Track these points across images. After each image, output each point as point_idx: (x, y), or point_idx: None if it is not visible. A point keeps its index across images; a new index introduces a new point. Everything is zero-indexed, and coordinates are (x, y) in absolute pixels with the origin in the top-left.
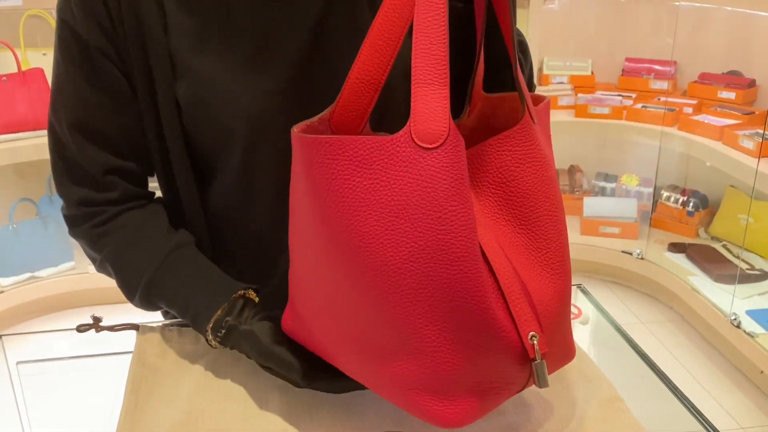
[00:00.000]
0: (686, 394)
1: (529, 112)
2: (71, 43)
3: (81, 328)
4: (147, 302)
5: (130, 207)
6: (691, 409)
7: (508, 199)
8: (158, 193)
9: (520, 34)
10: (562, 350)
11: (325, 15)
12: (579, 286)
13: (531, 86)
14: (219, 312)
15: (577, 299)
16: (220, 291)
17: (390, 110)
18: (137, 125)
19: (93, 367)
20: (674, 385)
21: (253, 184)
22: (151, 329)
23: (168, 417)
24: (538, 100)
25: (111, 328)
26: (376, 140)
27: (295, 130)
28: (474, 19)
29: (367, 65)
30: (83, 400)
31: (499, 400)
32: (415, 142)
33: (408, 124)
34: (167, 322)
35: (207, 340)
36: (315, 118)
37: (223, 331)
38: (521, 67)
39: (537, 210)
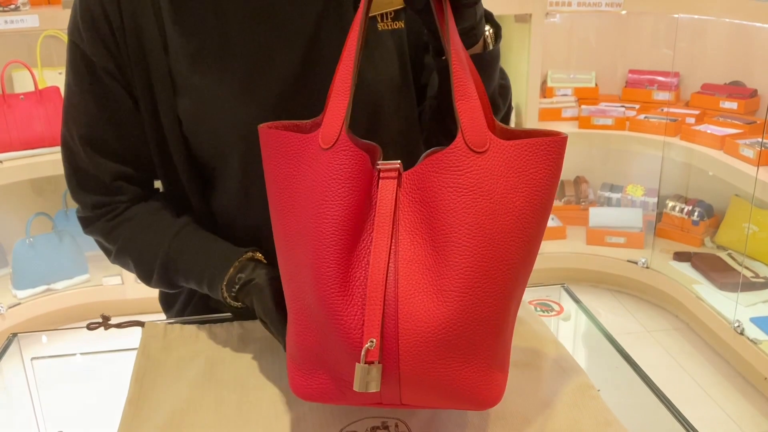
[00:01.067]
0: (691, 400)
1: (465, 141)
2: (80, 63)
3: (91, 326)
4: (165, 280)
5: (138, 202)
6: (665, 401)
7: (429, 219)
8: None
9: (504, 77)
10: (447, 388)
11: (315, 35)
12: (563, 285)
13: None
14: (231, 270)
15: (561, 298)
16: (230, 254)
17: (381, 124)
18: (141, 137)
19: (103, 362)
20: (653, 383)
21: (251, 189)
22: (155, 326)
23: (169, 405)
24: (551, 134)
25: (118, 326)
26: (298, 138)
27: (278, 126)
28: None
29: (335, 75)
30: (93, 392)
31: (353, 396)
32: (319, 143)
33: (321, 126)
34: (171, 320)
35: (223, 299)
36: (309, 121)
37: (237, 287)
38: (497, 110)
39: (450, 235)
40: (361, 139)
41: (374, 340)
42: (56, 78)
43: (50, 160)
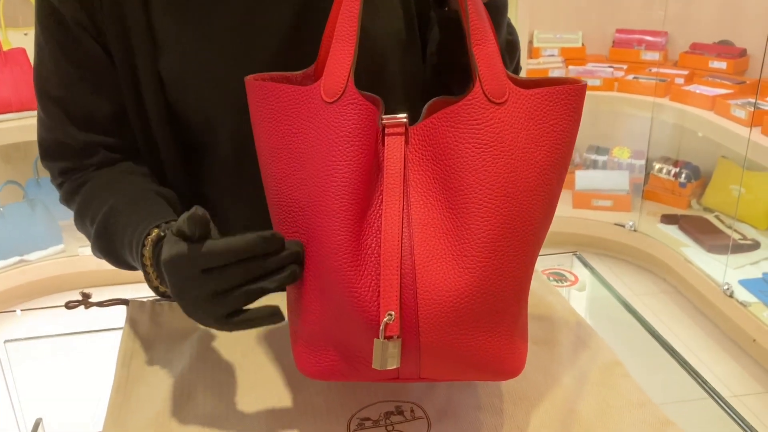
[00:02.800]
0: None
1: (483, 91)
2: (49, 17)
3: (70, 305)
4: (103, 245)
5: (110, 165)
6: (690, 372)
7: (443, 178)
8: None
9: (511, 32)
10: (470, 358)
11: None
12: (575, 253)
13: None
14: (167, 223)
15: (574, 266)
16: (169, 213)
17: (384, 83)
18: (119, 101)
19: (83, 344)
20: (673, 348)
21: (247, 159)
22: (141, 304)
23: (160, 392)
24: (569, 82)
25: (100, 304)
26: (294, 90)
27: (266, 78)
28: None
29: (335, 21)
30: (74, 377)
31: (367, 372)
32: (321, 95)
33: (321, 78)
34: (157, 297)
35: (144, 267)
36: (299, 72)
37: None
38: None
39: (467, 196)
40: (363, 92)
41: (393, 312)
42: (22, 39)
43: (19, 126)
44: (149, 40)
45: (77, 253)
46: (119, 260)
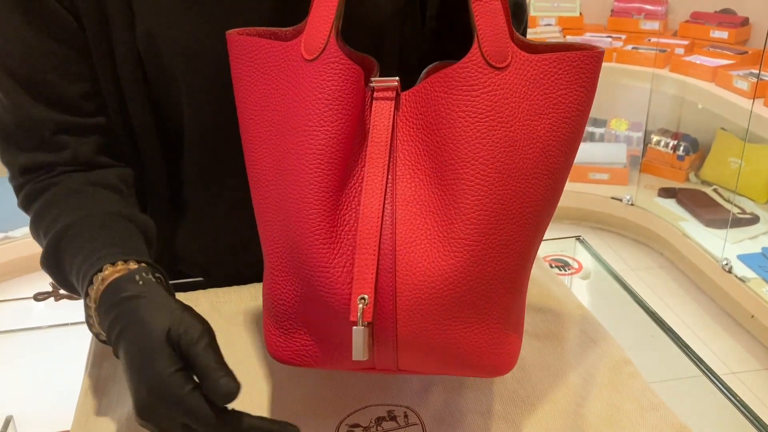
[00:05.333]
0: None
1: (482, 53)
2: None
3: (39, 297)
4: (52, 261)
5: (77, 170)
6: (698, 363)
7: (434, 150)
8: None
9: None
10: (453, 352)
11: None
12: (578, 238)
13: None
14: (126, 264)
15: (576, 252)
16: (140, 251)
17: (382, 54)
18: (92, 77)
19: (52, 339)
20: (679, 336)
21: (226, 133)
22: None
23: None
24: (584, 48)
25: (71, 297)
26: (275, 46)
27: (251, 33)
28: None
29: None
30: (45, 373)
31: (340, 359)
32: (301, 52)
33: (304, 31)
34: None
35: (86, 300)
36: (290, 28)
37: (129, 284)
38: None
39: (460, 171)
40: (352, 50)
41: (366, 296)
42: None
43: None
44: (127, 8)
45: None
46: (67, 284)
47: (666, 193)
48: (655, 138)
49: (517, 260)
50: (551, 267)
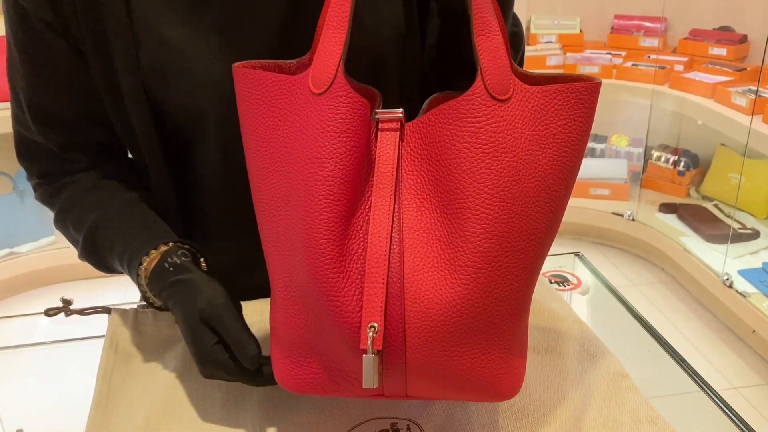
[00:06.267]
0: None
1: (485, 86)
2: (13, 15)
3: (50, 312)
4: (91, 251)
5: (90, 170)
6: (696, 378)
7: (439, 179)
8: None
9: (516, 24)
10: (460, 378)
11: None
12: (577, 254)
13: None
14: (157, 251)
15: (575, 268)
16: (161, 235)
17: (382, 78)
18: (96, 99)
19: (65, 352)
20: (677, 352)
21: (232, 160)
22: (124, 312)
23: (143, 407)
24: (582, 79)
25: (81, 312)
26: (282, 80)
27: (256, 66)
28: None
29: (327, 7)
30: (55, 386)
31: (349, 387)
32: (309, 86)
33: (311, 66)
34: (142, 303)
35: (142, 290)
36: (294, 60)
37: (170, 268)
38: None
39: (464, 200)
40: (357, 83)
41: (376, 324)
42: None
43: (5, 117)
44: (129, 34)
45: (68, 245)
46: (110, 270)
47: (667, 208)
48: (655, 154)
49: (521, 285)
50: (550, 282)
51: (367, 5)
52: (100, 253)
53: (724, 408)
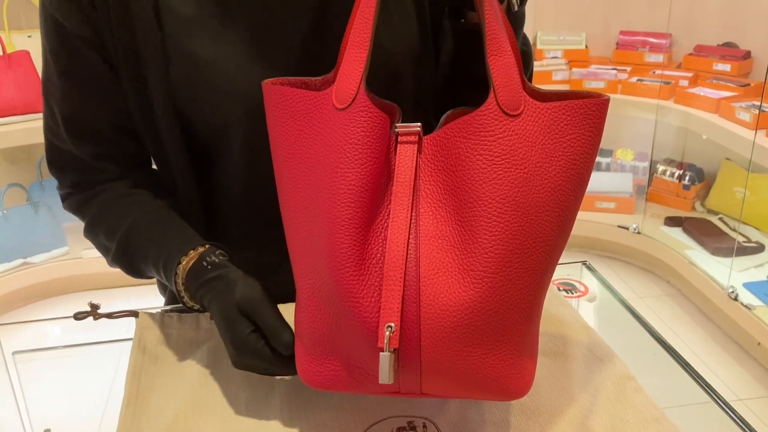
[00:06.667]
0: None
1: (498, 102)
2: (51, 31)
3: (78, 316)
4: (124, 258)
5: (120, 179)
6: (705, 387)
7: (454, 189)
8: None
9: (526, 44)
10: (473, 377)
11: None
12: (584, 263)
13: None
14: (192, 252)
15: (583, 276)
16: (196, 238)
17: (398, 93)
18: (126, 113)
19: (90, 355)
20: (685, 361)
21: (257, 168)
22: (151, 316)
23: (172, 405)
24: (591, 96)
25: (109, 316)
26: (308, 95)
27: (284, 82)
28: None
29: (350, 28)
30: (81, 388)
31: (368, 384)
32: (332, 101)
33: (334, 83)
34: (167, 308)
35: (177, 290)
36: (319, 78)
37: (207, 267)
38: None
39: (478, 209)
40: (378, 98)
41: (393, 324)
42: (26, 42)
43: (23, 129)
44: (161, 51)
45: (81, 255)
46: (140, 274)
47: (672, 221)
48: (661, 168)
49: (530, 291)
50: (559, 290)
51: (384, 23)
52: (132, 258)
53: (736, 419)
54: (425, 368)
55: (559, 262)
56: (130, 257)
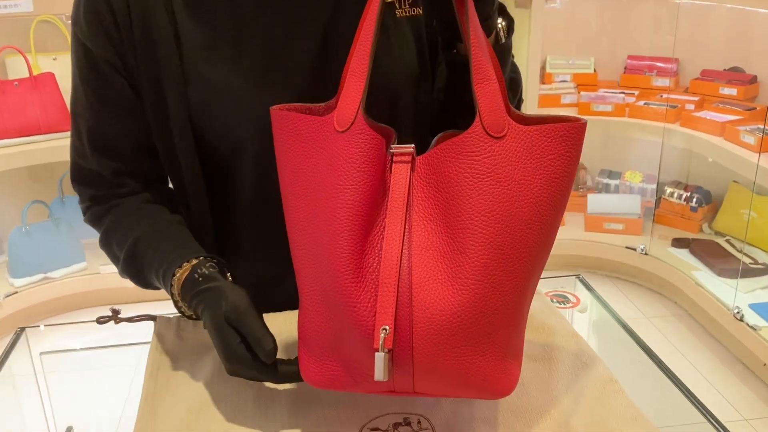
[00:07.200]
0: (690, 386)
1: (483, 125)
2: (81, 55)
3: (101, 320)
4: (132, 269)
5: (136, 195)
6: (689, 396)
7: (444, 205)
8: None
9: (514, 71)
10: (461, 376)
11: (333, 22)
12: (578, 276)
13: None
14: (186, 264)
15: (576, 289)
16: (194, 250)
17: (397, 113)
18: (146, 132)
19: (111, 357)
20: (673, 373)
21: (266, 183)
22: (168, 320)
23: (185, 401)
24: (570, 120)
25: (129, 320)
26: (311, 120)
27: (290, 108)
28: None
29: (351, 56)
30: (102, 388)
31: (365, 383)
32: (333, 125)
33: (336, 108)
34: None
35: (174, 300)
36: (322, 104)
37: (199, 279)
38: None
39: (465, 222)
40: (375, 122)
41: (387, 327)
42: (51, 64)
43: (46, 148)
44: (180, 75)
45: (99, 271)
46: (147, 285)
47: (679, 243)
48: (668, 190)
49: (515, 298)
50: (552, 301)
51: (386, 50)
52: (140, 267)
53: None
54: (417, 368)
55: (554, 275)
56: (138, 268)
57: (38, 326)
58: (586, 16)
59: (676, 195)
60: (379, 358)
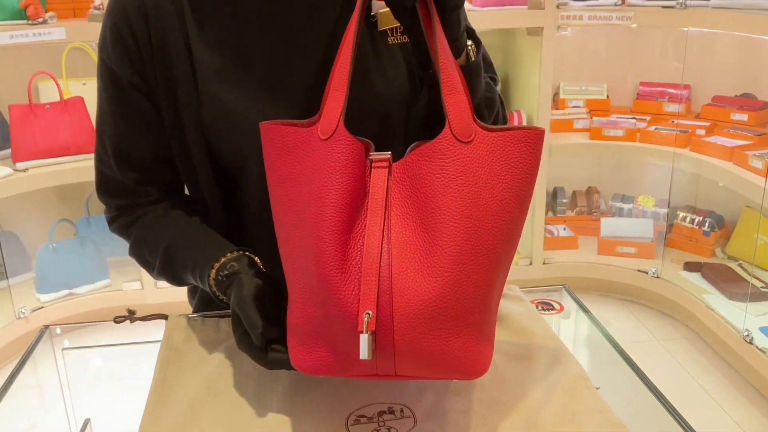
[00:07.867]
0: (700, 408)
1: (452, 132)
2: (107, 78)
3: (118, 320)
4: (167, 269)
5: (160, 203)
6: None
7: (419, 203)
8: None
9: (491, 91)
10: (438, 357)
11: (331, 42)
12: (564, 286)
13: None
14: (222, 259)
15: (561, 297)
16: (224, 246)
17: (390, 131)
18: (166, 146)
19: (128, 354)
20: (648, 379)
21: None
22: (179, 319)
23: (191, 390)
24: (530, 128)
25: (144, 319)
26: (297, 131)
27: (277, 123)
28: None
29: (333, 71)
30: (119, 383)
31: (350, 367)
32: (317, 134)
33: (319, 120)
34: (193, 315)
35: (212, 291)
36: (305, 120)
37: (223, 275)
38: (483, 120)
39: (438, 218)
40: (356, 136)
41: (370, 312)
42: (81, 88)
43: (74, 168)
44: (194, 96)
45: (122, 287)
46: (183, 283)
47: (691, 267)
48: (681, 214)
49: (484, 284)
50: (537, 308)
51: (379, 72)
52: (175, 268)
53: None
54: (398, 350)
55: (542, 285)
56: (172, 269)
57: (61, 324)
58: (597, 43)
59: (688, 219)
60: (364, 339)
